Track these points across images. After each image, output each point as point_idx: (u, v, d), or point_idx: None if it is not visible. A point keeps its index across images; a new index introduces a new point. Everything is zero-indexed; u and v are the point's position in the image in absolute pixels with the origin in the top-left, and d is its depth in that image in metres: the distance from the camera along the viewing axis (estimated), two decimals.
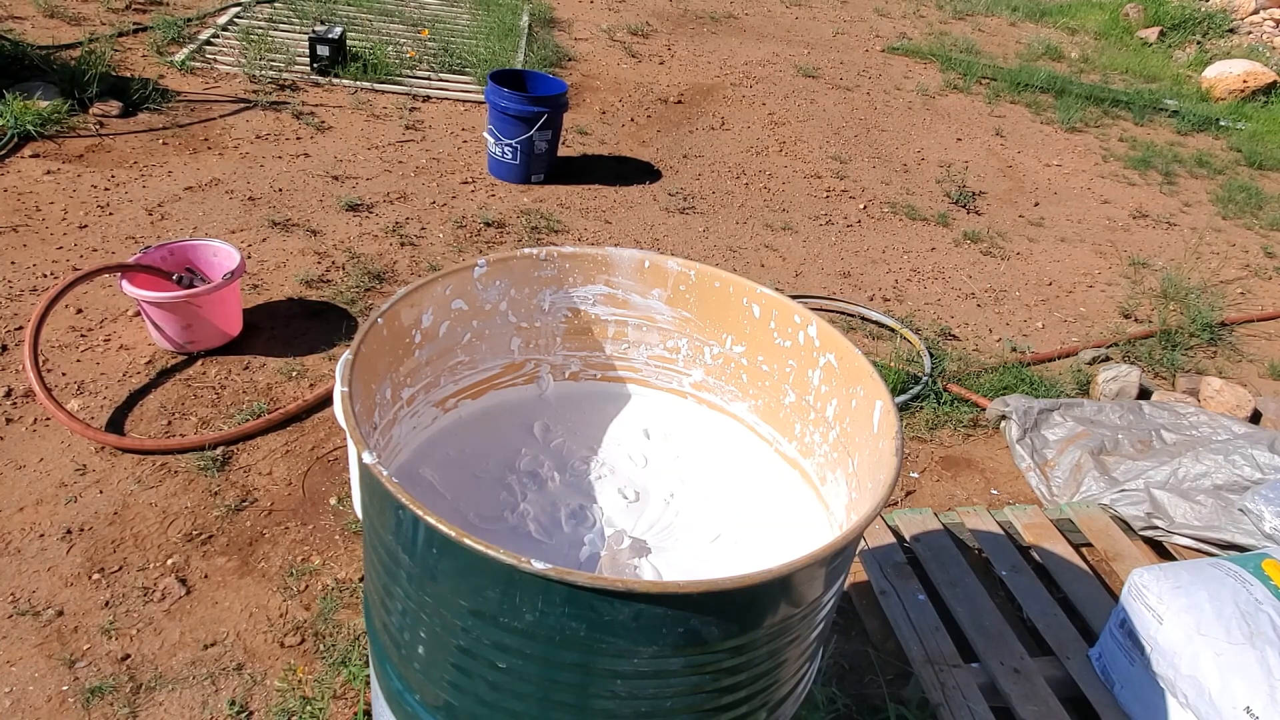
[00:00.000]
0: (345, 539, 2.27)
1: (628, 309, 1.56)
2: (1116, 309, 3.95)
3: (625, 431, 1.61)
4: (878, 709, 1.99)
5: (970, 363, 3.36)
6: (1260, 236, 4.85)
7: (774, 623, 1.05)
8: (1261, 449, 2.66)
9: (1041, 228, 4.56)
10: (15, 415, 2.45)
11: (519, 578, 0.95)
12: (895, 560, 2.33)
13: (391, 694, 1.23)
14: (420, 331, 1.40)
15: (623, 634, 0.97)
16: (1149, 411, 2.99)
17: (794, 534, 1.44)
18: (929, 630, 2.14)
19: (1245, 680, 1.78)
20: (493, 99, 3.96)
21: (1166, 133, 6.06)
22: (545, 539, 1.42)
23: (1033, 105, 6.07)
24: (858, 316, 3.54)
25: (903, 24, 7.41)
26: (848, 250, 4.05)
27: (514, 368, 1.58)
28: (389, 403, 1.37)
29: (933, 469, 2.83)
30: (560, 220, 3.87)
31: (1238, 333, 3.89)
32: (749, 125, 5.10)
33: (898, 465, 1.16)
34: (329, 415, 2.62)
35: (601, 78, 5.33)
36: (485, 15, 5.85)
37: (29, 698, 1.82)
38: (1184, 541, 2.52)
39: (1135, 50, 7.64)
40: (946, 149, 5.24)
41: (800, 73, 5.93)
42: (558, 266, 1.50)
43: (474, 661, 1.06)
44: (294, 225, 3.49)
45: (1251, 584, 1.92)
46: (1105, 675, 2.06)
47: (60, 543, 2.14)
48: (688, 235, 3.94)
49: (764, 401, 1.54)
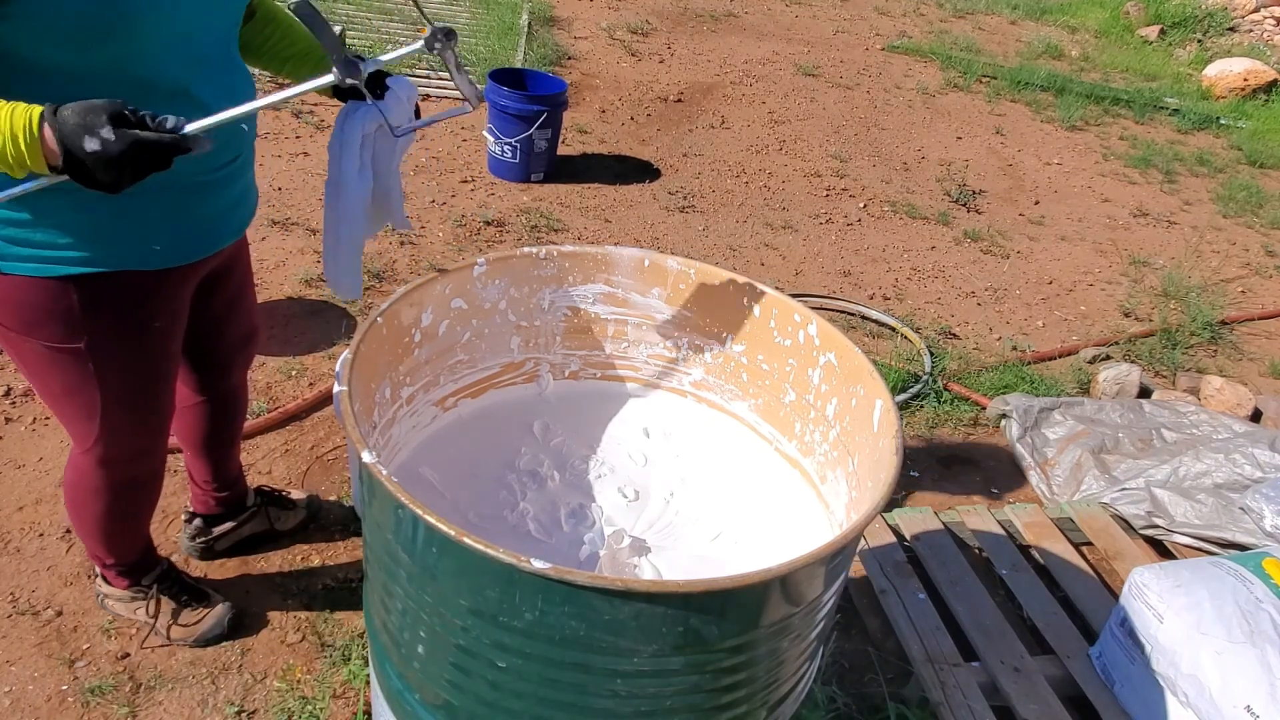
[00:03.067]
0: (345, 538, 2.27)
1: (627, 308, 1.55)
2: (1117, 308, 3.94)
3: (625, 430, 1.61)
4: (878, 708, 1.99)
5: (971, 361, 3.36)
6: (1261, 235, 4.84)
7: (774, 622, 1.05)
8: (1262, 447, 2.66)
9: (1042, 226, 4.55)
10: (15, 415, 2.45)
11: (519, 577, 0.95)
12: (895, 559, 2.33)
13: (391, 693, 1.23)
14: (420, 330, 1.40)
15: (623, 633, 0.97)
16: (1149, 410, 2.99)
17: (794, 533, 1.43)
18: (929, 629, 2.13)
19: (1246, 679, 1.78)
20: (492, 98, 3.96)
21: (1167, 131, 6.06)
22: (545, 538, 1.42)
23: (1033, 104, 6.07)
24: (858, 315, 3.54)
25: (903, 22, 7.40)
26: (848, 249, 4.04)
27: (514, 367, 1.58)
28: (388, 402, 1.37)
29: (933, 468, 2.83)
30: (560, 219, 3.87)
31: (1238, 331, 3.88)
32: (749, 124, 5.10)
33: (898, 464, 1.16)
34: (328, 414, 2.61)
35: (601, 76, 5.33)
36: (485, 14, 5.84)
37: (29, 697, 1.82)
38: (1184, 540, 2.52)
39: (1136, 48, 7.64)
40: (947, 147, 5.24)
41: (800, 71, 5.93)
42: (557, 265, 1.50)
43: (474, 661, 1.06)
44: (293, 224, 3.49)
45: (1252, 582, 1.92)
46: (1106, 674, 2.06)
47: (60, 542, 2.13)
48: (687, 234, 3.94)
49: (764, 400, 1.54)
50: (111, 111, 1.07)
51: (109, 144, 1.05)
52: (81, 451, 1.62)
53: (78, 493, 1.71)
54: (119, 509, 1.74)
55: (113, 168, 1.06)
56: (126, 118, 1.08)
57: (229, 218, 1.55)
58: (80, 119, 1.06)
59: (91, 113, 1.06)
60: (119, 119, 1.07)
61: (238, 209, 1.58)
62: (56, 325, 1.39)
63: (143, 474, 1.72)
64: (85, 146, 1.05)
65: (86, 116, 1.06)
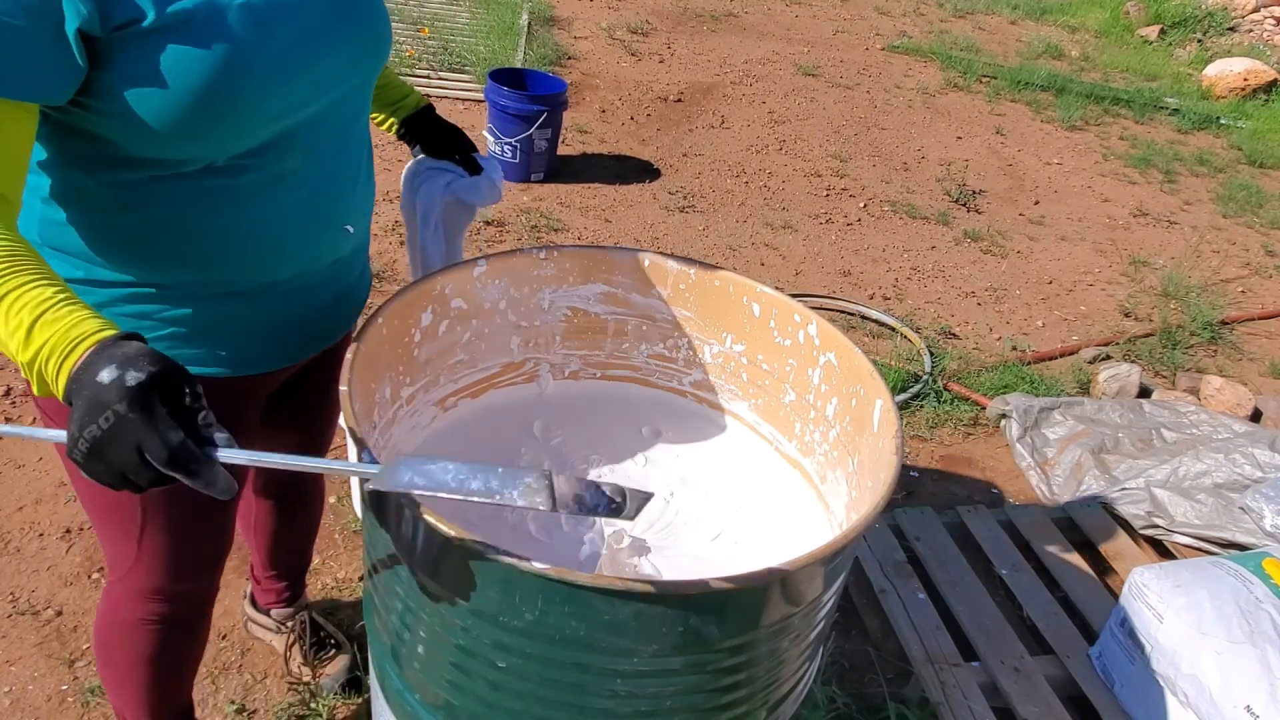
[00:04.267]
0: (345, 538, 2.27)
1: (627, 308, 1.55)
2: (1117, 308, 3.94)
3: (625, 430, 1.61)
4: (878, 708, 1.99)
5: (970, 361, 3.36)
6: (1261, 235, 4.84)
7: (774, 622, 1.05)
8: (1262, 447, 2.66)
9: (1042, 226, 4.55)
10: (15, 415, 2.45)
11: (519, 577, 0.95)
12: (895, 559, 2.33)
13: (391, 693, 1.23)
14: (420, 330, 1.40)
15: (622, 633, 0.97)
16: (1149, 410, 2.99)
17: (794, 533, 1.43)
18: (929, 629, 2.14)
19: (1246, 679, 1.78)
20: (492, 97, 3.96)
21: (1167, 131, 6.06)
22: (545, 538, 1.42)
23: (1033, 103, 6.07)
24: (858, 315, 3.54)
25: (903, 22, 7.40)
26: (848, 249, 4.04)
27: (514, 367, 1.58)
28: (388, 402, 1.37)
29: (933, 468, 2.83)
30: (560, 219, 3.87)
31: (1238, 331, 3.88)
32: (749, 124, 5.10)
33: (898, 464, 1.16)
34: None
35: (601, 76, 5.33)
36: (485, 13, 5.84)
37: (29, 697, 1.82)
38: (1184, 540, 2.52)
39: (1136, 48, 7.64)
40: (947, 147, 5.24)
41: (800, 71, 5.93)
42: (557, 265, 1.50)
43: (474, 661, 1.05)
44: None
45: (1252, 582, 1.92)
46: (1106, 674, 2.06)
47: (60, 542, 2.13)
48: (687, 234, 3.94)
49: (764, 400, 1.54)
50: (168, 371, 0.80)
51: (115, 385, 0.78)
52: (115, 579, 1.38)
53: (109, 632, 1.44)
54: (158, 656, 1.45)
55: (90, 411, 0.78)
56: (177, 389, 0.82)
57: (326, 318, 1.32)
58: (132, 353, 0.80)
59: (147, 358, 0.80)
60: (165, 383, 0.80)
61: (340, 306, 1.34)
62: None
63: (185, 613, 1.44)
64: (98, 374, 0.78)
65: (139, 357, 0.80)
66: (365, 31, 1.17)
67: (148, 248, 1.10)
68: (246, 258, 1.14)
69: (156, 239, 1.10)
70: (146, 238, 1.10)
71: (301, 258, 1.20)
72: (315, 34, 1.08)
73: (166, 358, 0.81)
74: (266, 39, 1.01)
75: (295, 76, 1.06)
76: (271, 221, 1.14)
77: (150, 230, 1.09)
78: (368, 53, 1.19)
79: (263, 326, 1.22)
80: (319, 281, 1.26)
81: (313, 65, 1.08)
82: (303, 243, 1.19)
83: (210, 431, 0.83)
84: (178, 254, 1.11)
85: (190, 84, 0.96)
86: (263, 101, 1.03)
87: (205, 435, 0.82)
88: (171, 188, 1.06)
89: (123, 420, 0.77)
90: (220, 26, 0.97)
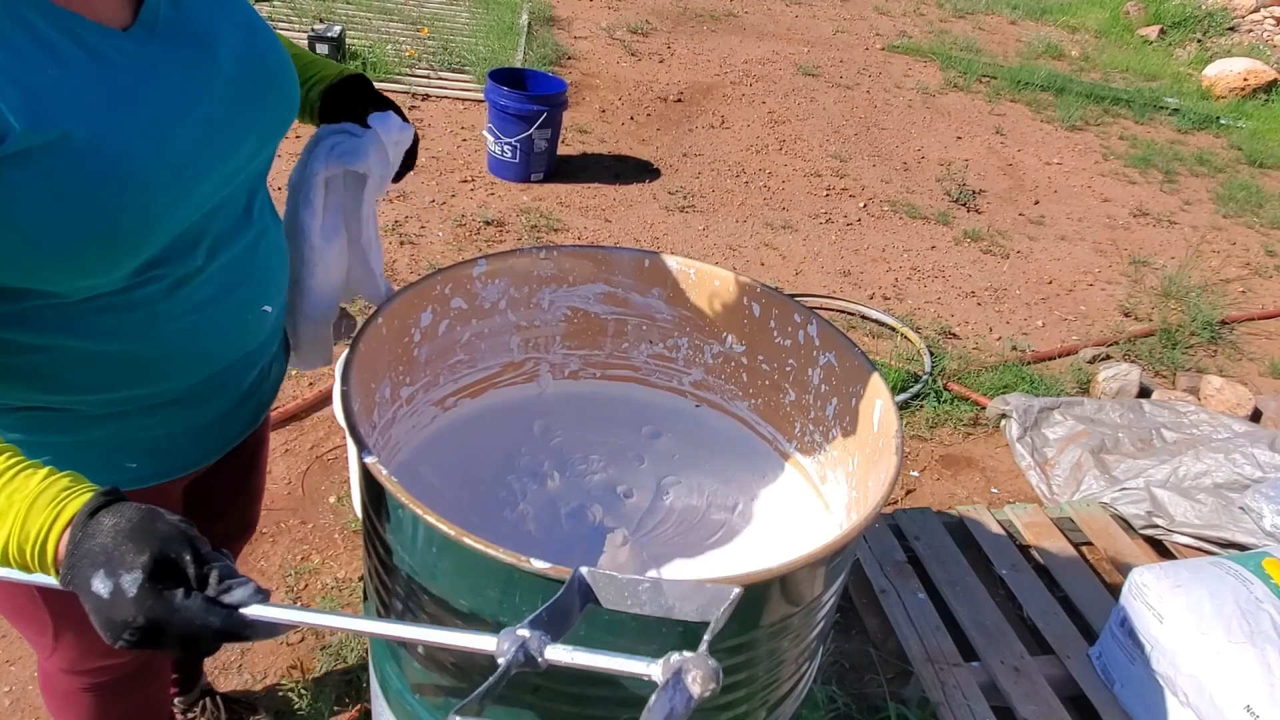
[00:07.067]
0: (345, 538, 2.27)
1: (627, 307, 1.55)
2: (1117, 307, 3.94)
3: (625, 430, 1.61)
4: (878, 708, 1.99)
5: (970, 361, 3.36)
6: (1261, 235, 4.84)
7: (773, 622, 1.05)
8: (1262, 447, 2.66)
9: (1042, 226, 4.55)
10: None
11: (519, 577, 0.95)
12: (895, 559, 2.33)
13: (391, 693, 1.23)
14: (419, 330, 1.40)
15: (622, 633, 0.97)
16: (1149, 410, 2.99)
17: (794, 533, 1.43)
18: (929, 629, 2.14)
19: (1246, 679, 1.78)
20: (492, 97, 3.96)
21: (1167, 131, 6.06)
22: (545, 538, 1.42)
23: (1033, 103, 6.07)
24: (858, 315, 3.54)
25: (903, 22, 7.40)
26: (847, 249, 4.04)
27: (513, 366, 1.58)
28: (388, 401, 1.37)
29: (933, 467, 2.83)
30: (560, 219, 3.87)
31: (1238, 331, 3.88)
32: (749, 124, 5.10)
33: (898, 464, 1.16)
34: (328, 414, 2.61)
35: (601, 76, 5.33)
36: (485, 13, 5.84)
37: (29, 697, 1.82)
38: (1184, 540, 2.52)
39: (1136, 48, 7.64)
40: (947, 147, 5.24)
41: (800, 71, 5.93)
42: (557, 265, 1.50)
43: (474, 660, 1.05)
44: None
45: (1252, 582, 1.92)
46: (1106, 674, 2.06)
47: None
48: (687, 234, 3.94)
49: (764, 400, 1.54)
50: (156, 554, 0.73)
51: (118, 599, 0.72)
52: (43, 658, 1.29)
53: (52, 697, 1.37)
54: (108, 712, 1.36)
55: (111, 629, 0.73)
56: (174, 564, 0.75)
57: (237, 415, 1.18)
58: (110, 544, 0.73)
59: (130, 543, 0.73)
60: (162, 566, 0.74)
61: (259, 388, 1.21)
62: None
63: (125, 674, 1.32)
64: (90, 584, 0.72)
65: (120, 546, 0.73)
66: (274, 104, 1.02)
67: (35, 376, 0.94)
68: (153, 373, 1.00)
69: (42, 368, 0.93)
70: (31, 366, 0.93)
71: (215, 358, 1.06)
72: (219, 128, 0.93)
73: (145, 526, 0.74)
74: (162, 148, 0.86)
75: (199, 182, 0.91)
76: (180, 331, 0.98)
77: (36, 358, 0.93)
78: (279, 121, 1.04)
79: (175, 435, 1.09)
80: (236, 374, 1.12)
81: (219, 164, 0.94)
82: (217, 341, 1.04)
83: (233, 587, 0.76)
84: (72, 381, 0.96)
85: (70, 211, 0.80)
86: (161, 220, 0.88)
87: (231, 600, 0.76)
88: (60, 313, 0.90)
89: (151, 628, 0.73)
90: (106, 140, 0.81)
